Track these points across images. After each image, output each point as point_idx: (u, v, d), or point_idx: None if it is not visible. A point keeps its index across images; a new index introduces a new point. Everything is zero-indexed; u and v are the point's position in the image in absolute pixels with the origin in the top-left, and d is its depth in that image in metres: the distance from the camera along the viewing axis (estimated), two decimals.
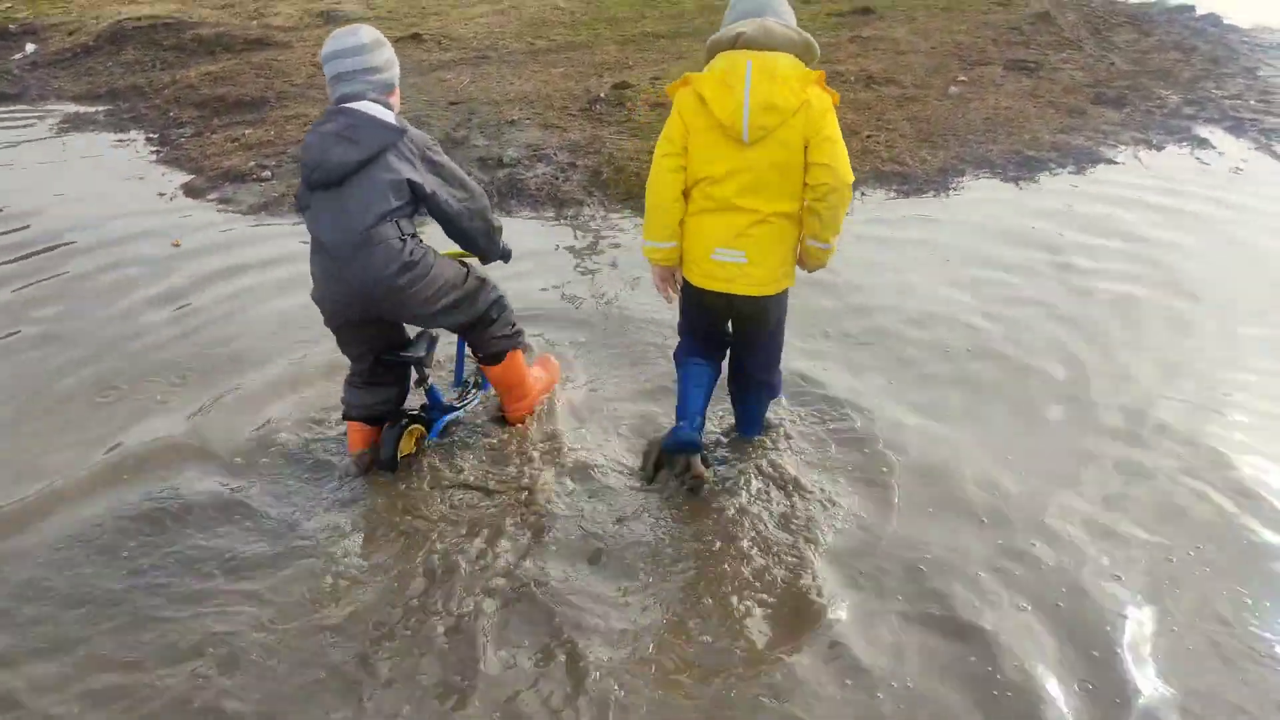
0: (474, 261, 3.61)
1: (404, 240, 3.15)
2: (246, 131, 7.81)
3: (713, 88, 3.01)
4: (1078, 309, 4.88)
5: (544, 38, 10.80)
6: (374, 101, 3.15)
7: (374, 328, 3.38)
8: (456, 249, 3.56)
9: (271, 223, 6.19)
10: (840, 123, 3.13)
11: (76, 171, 7.34)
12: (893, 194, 6.62)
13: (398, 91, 3.30)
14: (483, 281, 3.52)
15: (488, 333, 3.56)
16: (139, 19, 11.06)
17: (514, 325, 3.67)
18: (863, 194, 6.55)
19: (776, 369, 3.60)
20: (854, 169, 3.10)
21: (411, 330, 3.58)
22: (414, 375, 3.60)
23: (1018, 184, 6.78)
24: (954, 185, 6.75)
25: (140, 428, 3.87)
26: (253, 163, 7.09)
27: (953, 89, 8.69)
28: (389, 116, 3.14)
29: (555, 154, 7.13)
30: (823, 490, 3.47)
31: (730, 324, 3.44)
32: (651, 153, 3.23)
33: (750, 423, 3.75)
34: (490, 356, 3.64)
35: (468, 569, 3.10)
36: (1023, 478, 3.55)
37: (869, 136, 7.46)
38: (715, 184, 3.08)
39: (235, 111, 8.49)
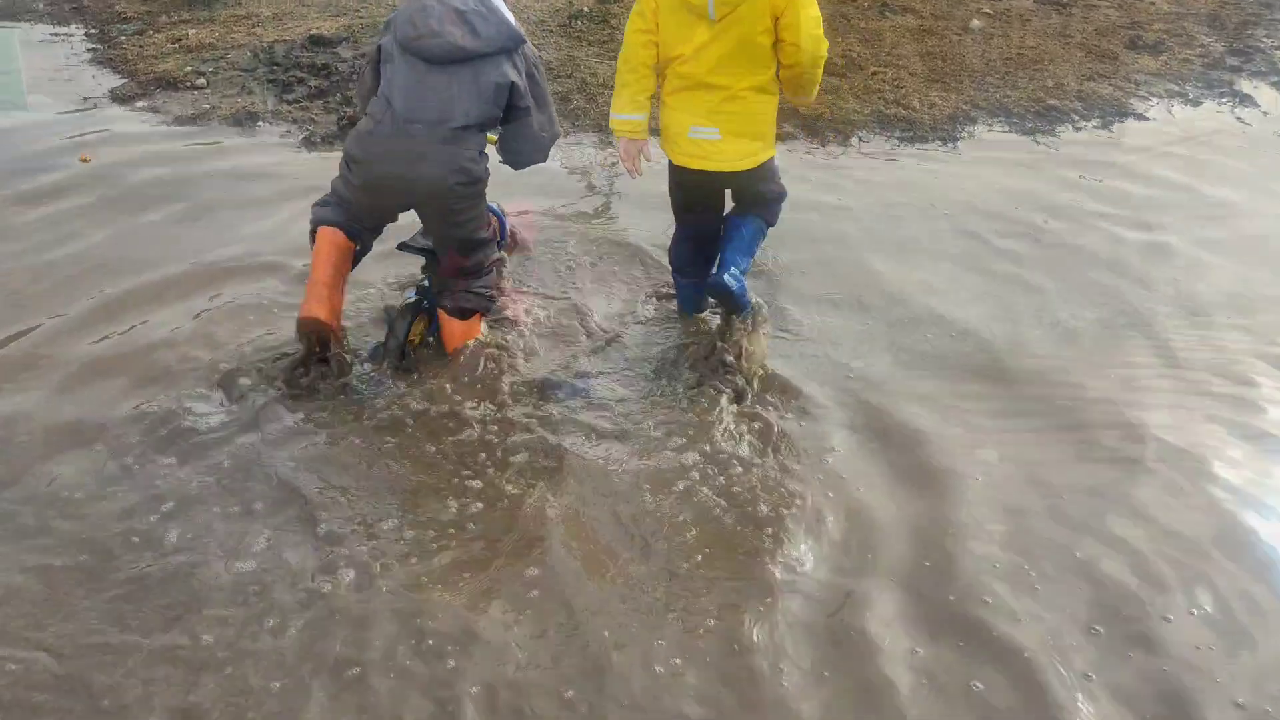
0: None
1: (482, 155, 3.15)
2: (190, 32, 7.09)
3: None
4: (1077, 279, 4.28)
5: None
6: None
7: (392, 213, 3.32)
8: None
9: (196, 139, 5.55)
10: (847, 56, 3.01)
11: None
12: (894, 142, 5.93)
13: None
14: (496, 234, 3.49)
15: (475, 282, 3.35)
16: None
17: (492, 291, 3.47)
18: (860, 138, 5.88)
19: (775, 202, 3.53)
20: (855, 110, 2.85)
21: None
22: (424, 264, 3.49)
23: (1034, 137, 6.08)
24: (963, 134, 6.06)
25: None
26: (189, 68, 6.40)
27: (975, 22, 7.88)
28: (512, 17, 3.12)
29: None
30: None
31: (719, 203, 3.47)
32: None
33: (738, 245, 3.41)
34: (459, 310, 3.38)
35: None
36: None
37: (875, 74, 6.70)
38: (686, 62, 3.12)
39: (185, 8, 7.74)
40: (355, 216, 3.23)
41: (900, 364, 3.69)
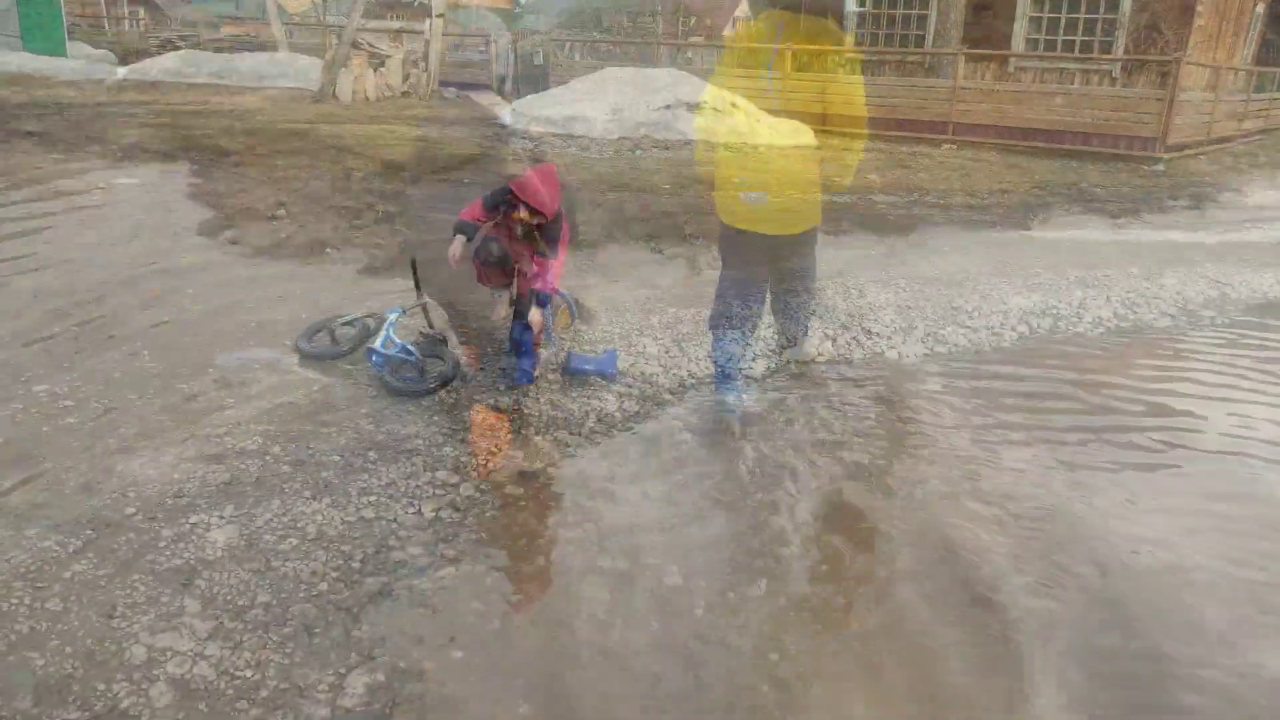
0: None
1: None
2: (280, 162, 7.56)
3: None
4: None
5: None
6: None
7: None
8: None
9: (268, 269, 5.81)
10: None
11: (103, 204, 7.21)
12: (958, 229, 5.69)
13: None
14: (544, 330, 3.82)
15: (523, 360, 3.70)
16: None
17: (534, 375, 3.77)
18: (925, 241, 5.67)
19: (811, 291, 3.79)
20: (913, 202, 3.21)
21: None
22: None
23: (1115, 220, 5.73)
24: (1037, 220, 5.76)
25: None
26: (272, 199, 6.78)
27: (1057, 100, 7.59)
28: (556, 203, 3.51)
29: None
30: None
31: (765, 261, 3.62)
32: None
33: (791, 339, 3.93)
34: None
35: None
36: None
37: (942, 162, 6.51)
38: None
39: (281, 139, 8.28)
40: None
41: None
